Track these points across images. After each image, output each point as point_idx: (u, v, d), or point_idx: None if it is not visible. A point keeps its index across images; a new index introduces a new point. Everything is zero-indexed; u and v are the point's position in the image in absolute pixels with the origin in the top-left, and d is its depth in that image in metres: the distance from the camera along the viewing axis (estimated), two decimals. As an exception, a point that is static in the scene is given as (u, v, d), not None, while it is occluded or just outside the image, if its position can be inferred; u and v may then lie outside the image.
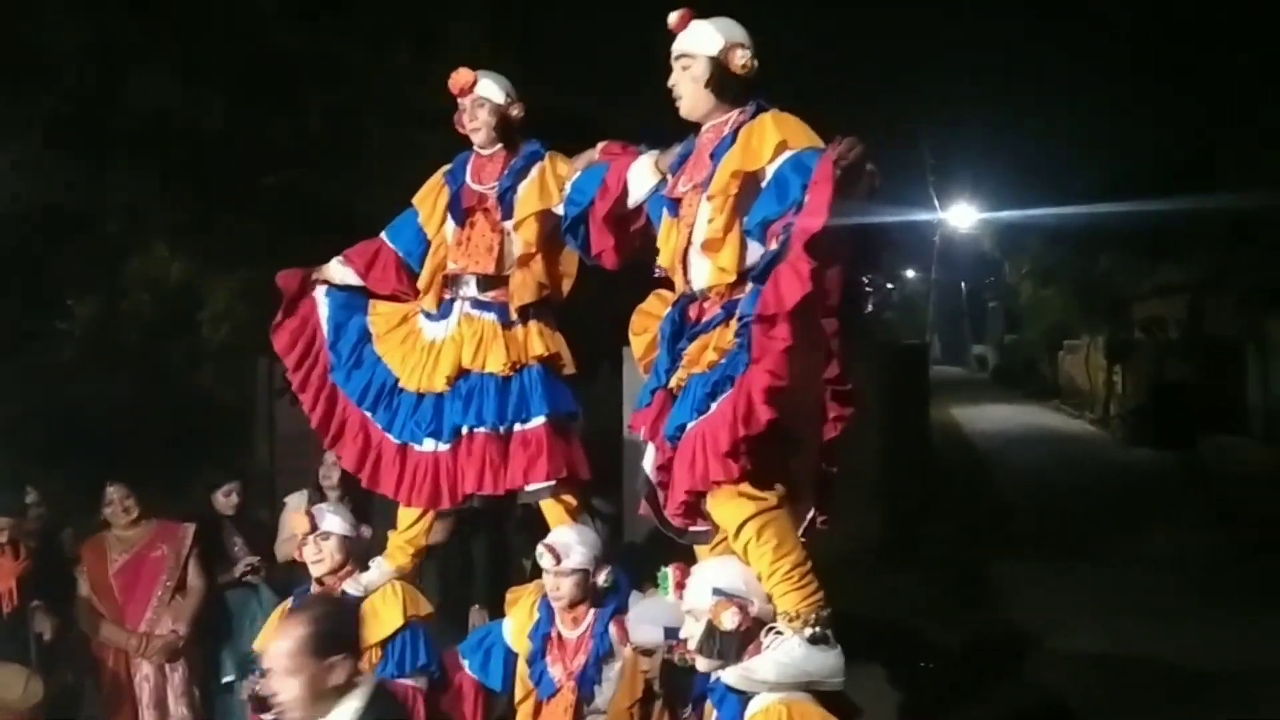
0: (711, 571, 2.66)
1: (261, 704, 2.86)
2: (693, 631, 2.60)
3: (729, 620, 2.51)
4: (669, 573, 2.85)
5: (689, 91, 2.89)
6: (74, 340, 11.13)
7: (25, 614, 4.07)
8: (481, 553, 4.94)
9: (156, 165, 9.75)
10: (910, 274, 38.97)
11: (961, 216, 24.20)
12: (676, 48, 2.91)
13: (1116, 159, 15.58)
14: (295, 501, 4.87)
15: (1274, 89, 12.67)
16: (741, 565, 2.63)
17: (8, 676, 3.93)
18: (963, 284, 37.37)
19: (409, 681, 3.37)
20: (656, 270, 3.16)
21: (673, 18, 2.90)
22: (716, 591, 2.56)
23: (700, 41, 2.86)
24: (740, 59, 2.82)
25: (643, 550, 4.64)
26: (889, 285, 37.97)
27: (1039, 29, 16.08)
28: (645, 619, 2.91)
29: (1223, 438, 14.03)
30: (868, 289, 2.94)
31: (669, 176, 3.02)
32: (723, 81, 2.86)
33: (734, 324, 2.67)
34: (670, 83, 2.94)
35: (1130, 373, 17.94)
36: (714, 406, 2.58)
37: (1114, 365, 18.73)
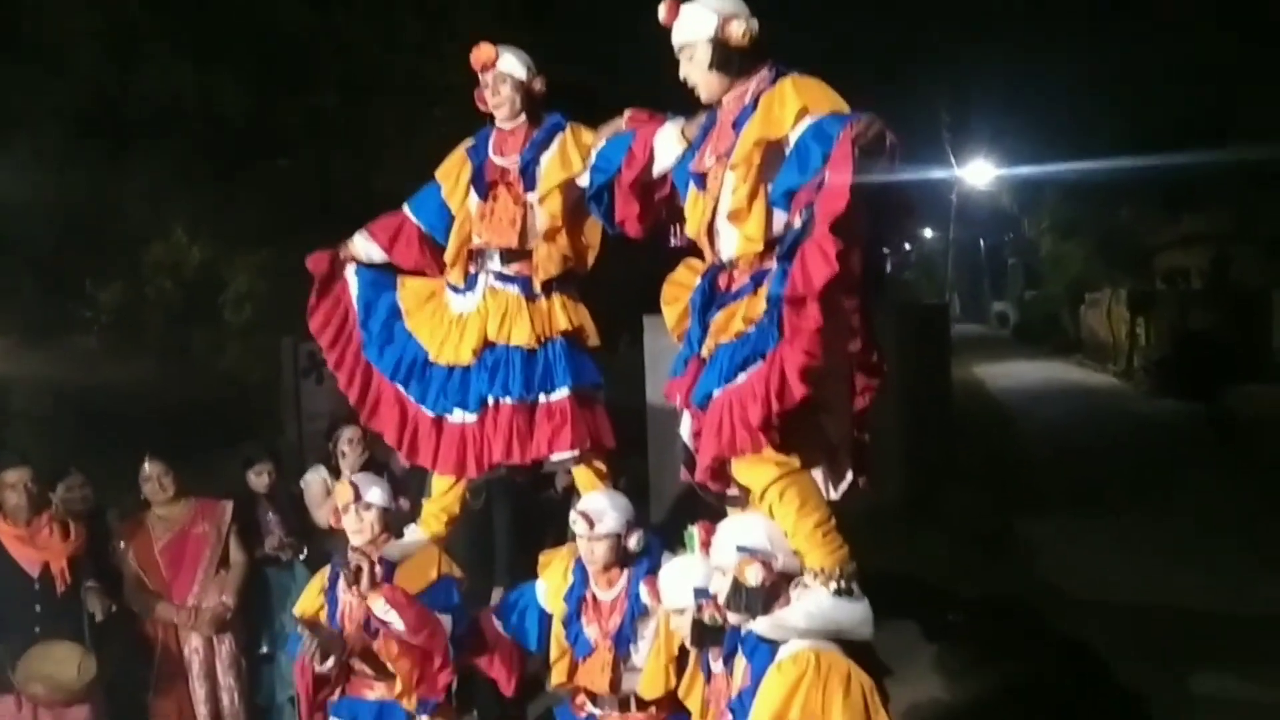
0: (735, 529, 2.71)
1: None
2: (720, 587, 2.66)
3: (753, 576, 2.56)
4: (695, 531, 2.92)
5: (701, 80, 2.88)
6: (100, 327, 11.30)
7: (77, 594, 4.16)
8: (505, 520, 5.03)
9: (172, 150, 9.85)
10: (928, 233, 38.71)
11: (979, 174, 24.02)
12: (676, 40, 2.88)
13: (1136, 110, 15.42)
14: (313, 476, 5.01)
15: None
16: (766, 521, 2.67)
17: (63, 655, 4.03)
18: (981, 241, 37.13)
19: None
20: (673, 240, 3.18)
21: (662, 12, 2.86)
22: (740, 549, 2.61)
23: (695, 27, 2.82)
24: (738, 30, 2.77)
25: (669, 518, 4.71)
26: (907, 246, 37.76)
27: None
28: (674, 580, 2.97)
29: (1248, 385, 13.96)
30: (886, 253, 2.95)
31: (694, 149, 3.00)
32: (727, 57, 2.83)
33: (762, 294, 2.67)
34: (682, 76, 2.91)
35: (1153, 324, 17.85)
36: (742, 377, 2.61)
37: (1136, 317, 18.62)
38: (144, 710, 4.50)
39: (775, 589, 2.60)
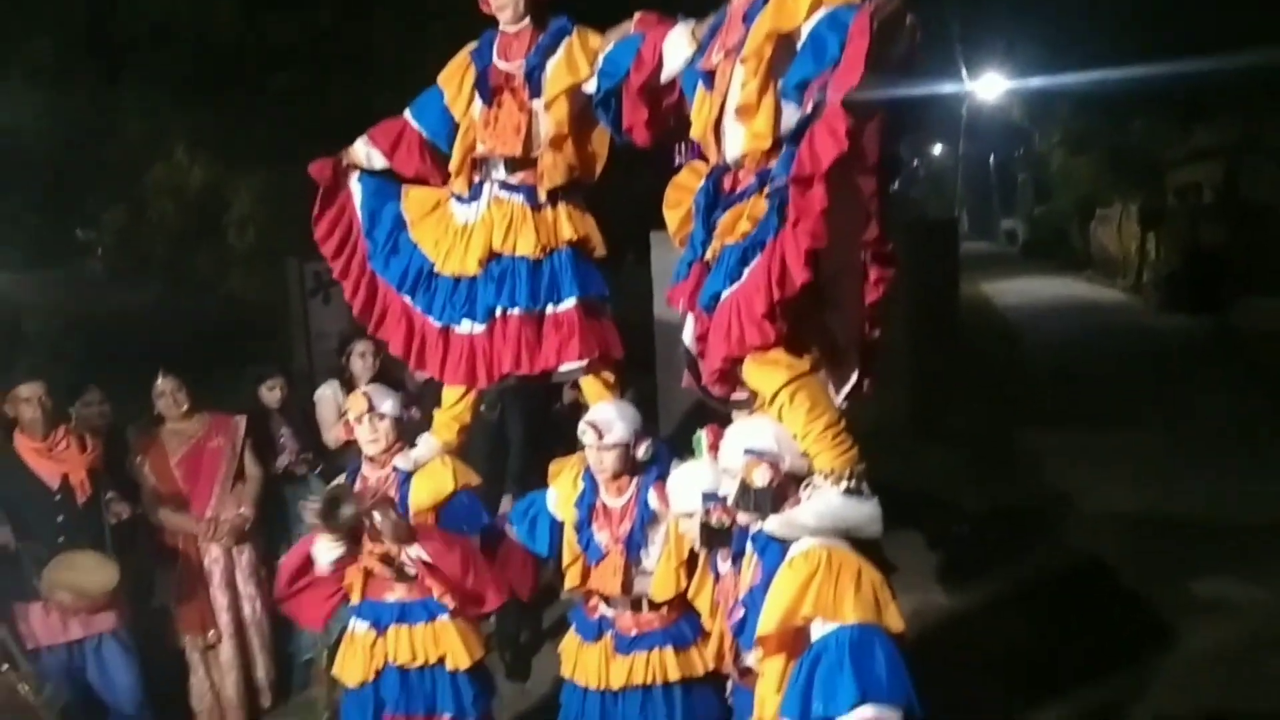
0: (743, 432, 2.73)
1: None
2: (729, 490, 2.69)
3: (760, 477, 2.58)
4: (703, 435, 2.95)
5: None
6: (102, 249, 11.30)
7: (98, 504, 4.23)
8: (518, 430, 5.06)
9: (169, 69, 9.71)
10: (937, 149, 38.24)
11: (990, 87, 23.58)
12: None
13: (1149, 20, 15.05)
14: (325, 391, 5.07)
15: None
16: (774, 424, 2.67)
17: (85, 563, 4.11)
18: (991, 157, 36.65)
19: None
20: (678, 158, 3.11)
21: None
22: (748, 451, 2.63)
23: None
24: None
25: (677, 434, 4.75)
26: (914, 162, 37.32)
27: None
28: (682, 485, 3.01)
29: (1258, 299, 13.89)
30: (896, 162, 2.86)
31: (703, 48, 2.90)
32: None
33: (767, 190, 2.60)
34: None
35: (1164, 239, 17.69)
36: (746, 273, 2.57)
37: (1147, 232, 18.46)
38: (168, 617, 4.63)
39: (783, 490, 2.61)
